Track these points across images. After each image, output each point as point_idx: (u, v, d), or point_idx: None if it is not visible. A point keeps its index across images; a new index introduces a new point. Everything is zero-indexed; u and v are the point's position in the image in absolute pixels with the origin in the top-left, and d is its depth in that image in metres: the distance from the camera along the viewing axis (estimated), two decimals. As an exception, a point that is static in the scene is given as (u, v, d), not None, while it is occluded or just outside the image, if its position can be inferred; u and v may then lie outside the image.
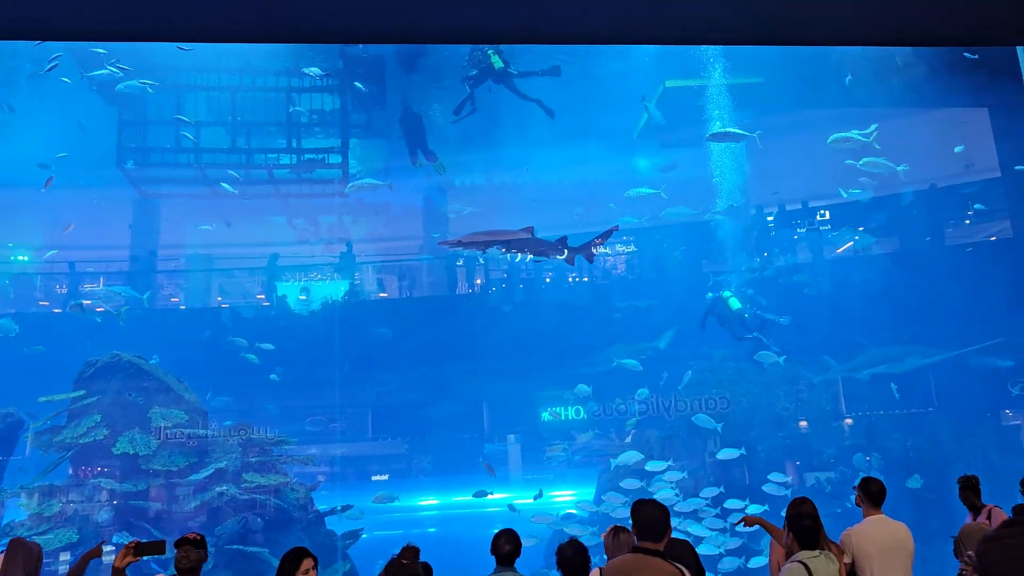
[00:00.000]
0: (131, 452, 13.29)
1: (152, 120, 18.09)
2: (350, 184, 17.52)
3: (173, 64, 17.03)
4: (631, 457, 15.84)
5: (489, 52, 16.74)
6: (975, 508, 7.73)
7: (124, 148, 18.14)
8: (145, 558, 5.57)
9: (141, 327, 17.66)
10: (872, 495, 6.68)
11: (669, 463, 15.75)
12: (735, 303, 17.63)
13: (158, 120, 18.15)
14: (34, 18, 8.79)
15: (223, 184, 17.46)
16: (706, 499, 15.19)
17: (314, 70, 16.84)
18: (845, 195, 18.17)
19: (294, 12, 10.51)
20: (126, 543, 5.47)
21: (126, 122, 17.92)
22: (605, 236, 16.25)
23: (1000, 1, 11.54)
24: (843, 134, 16.28)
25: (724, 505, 15.11)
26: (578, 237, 20.73)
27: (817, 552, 5.33)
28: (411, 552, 5.62)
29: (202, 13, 10.08)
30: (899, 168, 16.64)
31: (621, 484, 15.70)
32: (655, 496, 13.97)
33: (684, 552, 5.88)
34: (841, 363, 17.55)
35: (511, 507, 15.52)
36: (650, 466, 15.66)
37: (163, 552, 5.51)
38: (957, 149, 17.72)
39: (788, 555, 5.50)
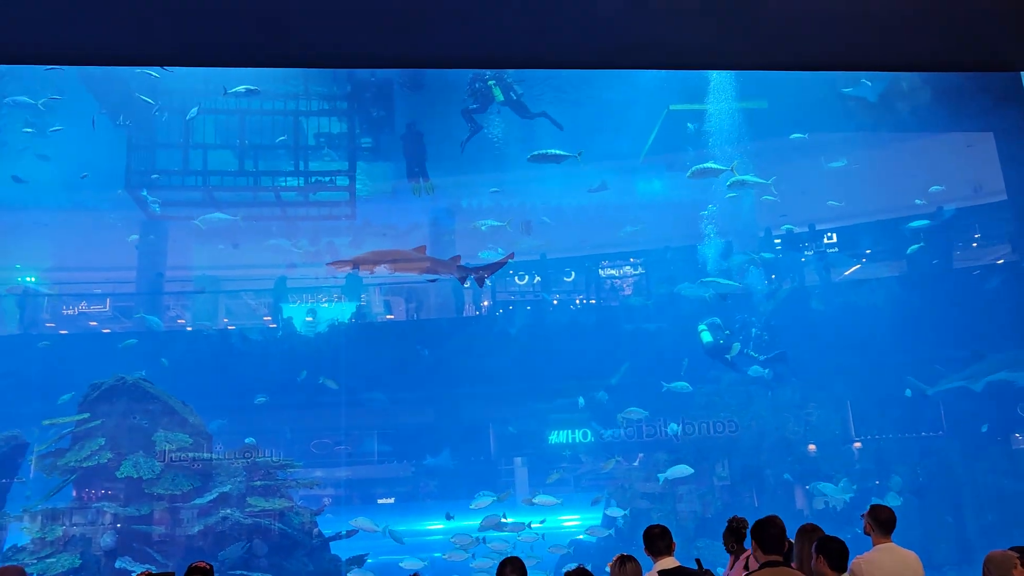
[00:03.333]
0: (135, 476, 13.24)
1: (160, 143, 18.22)
2: (199, 218, 17.67)
3: (182, 87, 17.17)
4: (683, 471, 15.68)
5: (490, 83, 16.74)
6: (733, 552, 7.28)
7: (132, 171, 18.25)
8: None
9: (147, 349, 17.68)
10: (882, 523, 6.57)
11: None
12: (706, 336, 17.54)
13: (166, 143, 18.28)
14: (46, 43, 8.87)
15: (217, 215, 17.66)
16: None
17: (242, 88, 16.58)
18: (915, 224, 18.10)
19: (300, 38, 10.58)
20: (136, 573, 5.46)
21: (135, 145, 18.04)
22: (498, 266, 16.42)
23: (1003, 27, 11.57)
24: (701, 165, 16.29)
25: None
26: (585, 259, 20.81)
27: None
28: None
29: (211, 38, 10.15)
30: (731, 167, 16.54)
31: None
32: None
33: None
34: (955, 372, 17.18)
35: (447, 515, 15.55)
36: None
37: None
38: (933, 189, 17.78)
39: None
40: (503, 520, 15.05)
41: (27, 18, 8.11)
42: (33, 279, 20.44)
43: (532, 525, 15.17)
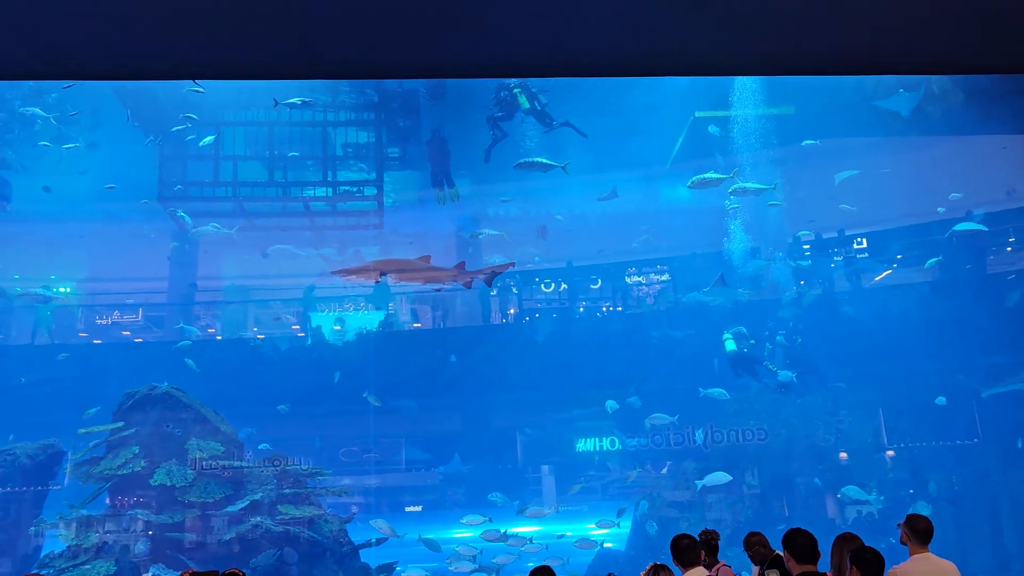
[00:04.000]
0: (168, 483, 13.41)
1: (191, 155, 18.47)
2: (193, 229, 17.80)
3: (211, 100, 17.39)
4: (720, 478, 15.58)
5: (516, 91, 16.73)
6: (705, 565, 7.22)
7: (165, 183, 18.50)
8: None
9: (178, 358, 17.90)
10: (919, 532, 6.45)
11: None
12: (730, 345, 17.34)
13: (197, 155, 18.52)
14: (77, 58, 9.03)
15: (213, 225, 17.94)
16: None
17: (297, 100, 16.70)
18: (959, 228, 17.76)
19: (328, 49, 10.70)
20: (178, 574, 5.57)
21: (167, 157, 18.30)
22: (500, 270, 16.36)
23: (1038, 27, 11.37)
24: (701, 176, 16.06)
25: None
26: (612, 266, 20.75)
27: None
28: None
29: (237, 51, 10.29)
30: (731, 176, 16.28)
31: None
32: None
33: None
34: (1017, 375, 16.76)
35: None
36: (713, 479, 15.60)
37: None
38: (953, 196, 17.56)
39: None
40: (504, 533, 15.11)
41: (55, 33, 8.27)
42: (68, 290, 20.81)
43: (532, 540, 15.22)
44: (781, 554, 7.06)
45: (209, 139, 17.08)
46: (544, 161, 16.21)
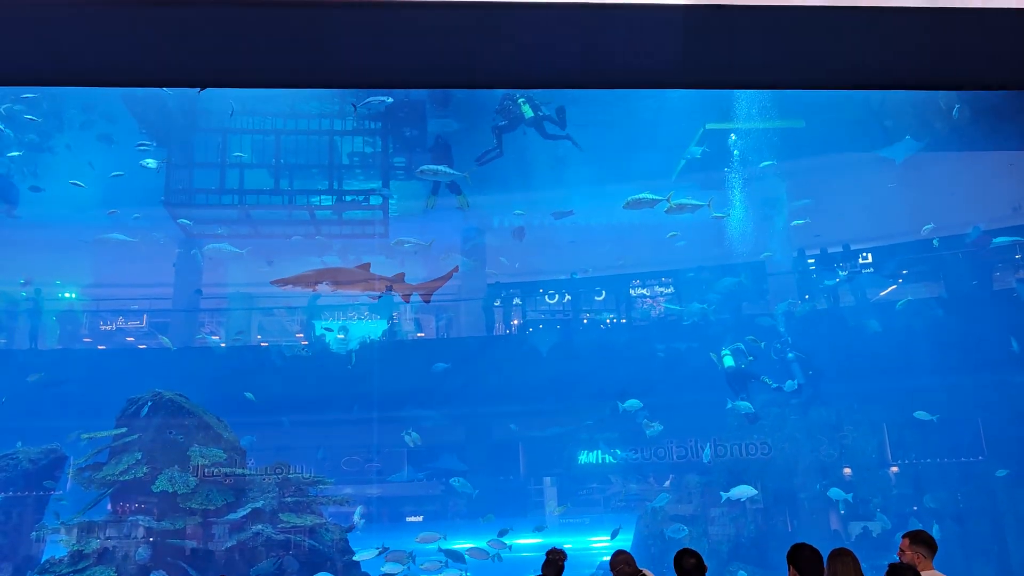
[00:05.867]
0: (170, 490, 13.34)
1: (198, 162, 18.50)
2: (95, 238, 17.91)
3: (220, 108, 17.45)
4: (745, 491, 15.47)
5: (520, 100, 16.72)
6: None
7: (171, 190, 18.52)
8: None
9: (182, 364, 17.90)
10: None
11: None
12: (728, 360, 17.23)
13: (204, 162, 18.55)
14: (85, 65, 9.05)
15: (182, 220, 17.96)
16: None
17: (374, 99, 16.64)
18: (997, 241, 17.71)
19: (333, 59, 10.69)
20: None
21: (174, 165, 18.32)
22: (442, 281, 16.31)
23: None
24: (636, 196, 15.99)
25: None
26: (616, 279, 20.73)
27: None
28: None
29: (246, 59, 10.30)
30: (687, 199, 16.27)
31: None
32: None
33: None
34: None
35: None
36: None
37: None
38: (926, 228, 17.69)
39: None
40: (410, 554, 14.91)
41: (68, 40, 8.29)
42: (73, 295, 20.85)
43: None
44: (647, 573, 6.98)
45: (152, 163, 16.99)
46: (445, 170, 16.19)
